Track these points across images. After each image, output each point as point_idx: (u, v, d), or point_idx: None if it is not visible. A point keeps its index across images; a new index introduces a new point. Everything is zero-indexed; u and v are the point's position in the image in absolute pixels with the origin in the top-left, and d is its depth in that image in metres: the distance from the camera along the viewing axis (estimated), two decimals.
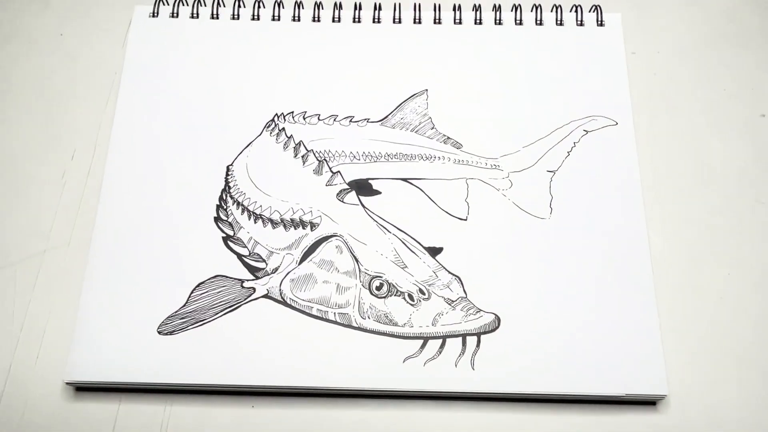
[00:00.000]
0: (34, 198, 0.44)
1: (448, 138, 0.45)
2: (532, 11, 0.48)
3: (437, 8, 0.48)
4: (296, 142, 0.44)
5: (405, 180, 0.43)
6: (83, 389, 0.39)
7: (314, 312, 0.40)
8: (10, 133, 0.46)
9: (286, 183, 0.43)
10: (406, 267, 0.41)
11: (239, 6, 0.48)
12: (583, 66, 0.46)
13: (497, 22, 0.48)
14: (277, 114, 0.45)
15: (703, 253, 0.42)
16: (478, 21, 0.48)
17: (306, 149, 0.44)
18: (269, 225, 0.42)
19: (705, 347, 0.40)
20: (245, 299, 0.40)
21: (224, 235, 0.42)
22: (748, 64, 0.48)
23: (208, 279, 0.40)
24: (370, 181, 0.43)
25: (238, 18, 0.48)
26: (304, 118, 0.45)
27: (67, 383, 0.38)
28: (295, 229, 0.42)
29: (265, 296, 0.40)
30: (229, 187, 0.43)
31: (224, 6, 0.48)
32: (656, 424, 0.38)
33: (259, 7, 0.48)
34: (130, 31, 0.48)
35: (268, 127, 0.45)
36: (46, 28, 0.49)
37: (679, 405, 0.39)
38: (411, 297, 0.40)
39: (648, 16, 0.50)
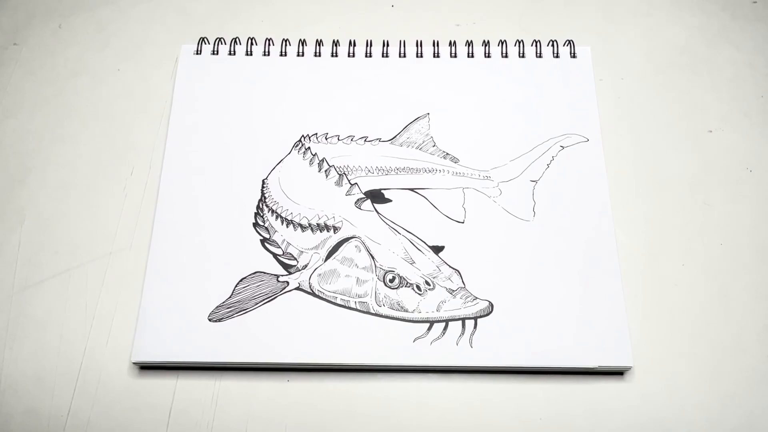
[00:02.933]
0: (100, 208, 0.45)
1: (447, 154, 0.45)
2: (515, 45, 0.49)
3: (436, 44, 0.49)
4: (320, 158, 0.45)
5: (412, 190, 0.44)
6: (146, 368, 0.40)
7: (338, 301, 0.40)
8: (78, 154, 0.47)
9: (312, 193, 0.44)
10: (414, 263, 0.41)
11: (270, 44, 0.49)
12: (559, 91, 0.47)
13: (486, 55, 0.49)
14: (303, 135, 0.46)
15: (661, 247, 0.43)
16: (470, 55, 0.49)
17: (328, 165, 0.45)
18: (299, 229, 0.43)
19: (664, 326, 0.41)
20: (280, 291, 0.41)
21: (261, 238, 0.42)
22: (697, 89, 0.49)
23: (249, 275, 0.41)
24: (382, 191, 0.44)
25: (268, 54, 0.49)
26: (326, 139, 0.46)
27: (133, 363, 0.39)
28: (321, 232, 0.43)
29: (297, 288, 0.41)
30: (265, 198, 0.44)
31: (257, 44, 0.49)
32: (624, 390, 0.39)
33: (286, 45, 0.49)
34: (177, 66, 0.49)
35: (296, 146, 0.45)
36: (106, 65, 0.50)
37: (642, 375, 0.40)
38: (419, 288, 0.41)
39: (613, 49, 0.50)
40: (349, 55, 0.49)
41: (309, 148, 0.45)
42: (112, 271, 0.43)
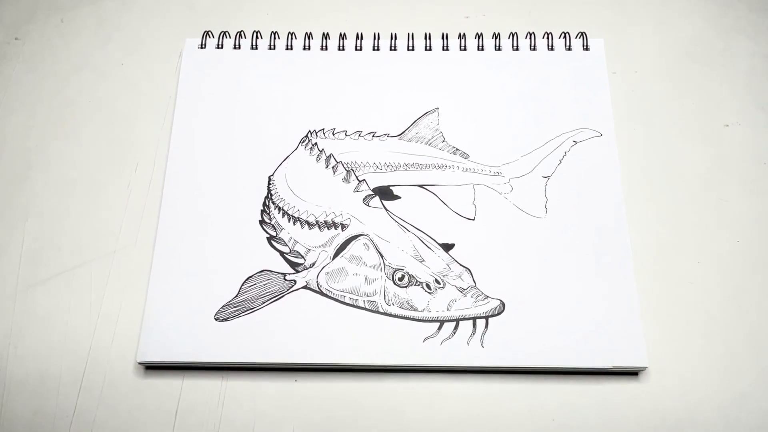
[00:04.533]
0: (104, 205, 0.44)
1: (457, 149, 0.44)
2: (526, 38, 0.48)
3: (445, 37, 0.48)
4: (327, 154, 0.44)
5: (421, 186, 0.43)
6: (152, 368, 0.39)
7: (346, 300, 0.40)
8: (81, 151, 0.46)
9: (320, 190, 0.43)
10: (424, 261, 0.41)
11: (275, 38, 0.48)
12: (572, 85, 0.46)
13: (497, 48, 0.48)
14: (310, 131, 0.45)
15: (676, 245, 0.42)
16: (480, 47, 0.48)
17: (335, 161, 0.44)
18: (306, 226, 0.42)
19: (678, 325, 0.40)
20: (288, 290, 0.40)
21: (268, 235, 0.42)
22: (712, 81, 0.48)
23: (256, 273, 0.40)
24: (391, 188, 0.43)
25: (274, 48, 0.48)
26: (334, 134, 0.45)
27: (138, 363, 0.39)
28: (329, 229, 0.42)
29: (305, 287, 0.40)
30: (271, 195, 0.43)
31: (262, 38, 0.48)
32: (638, 391, 0.39)
33: (292, 38, 0.48)
34: (181, 60, 0.48)
35: (302, 142, 0.45)
36: (110, 60, 0.49)
37: (657, 375, 0.39)
38: (428, 286, 0.40)
39: (627, 41, 0.49)
40: (356, 49, 0.48)
41: (316, 143, 0.45)
42: (117, 270, 0.42)
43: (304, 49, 0.48)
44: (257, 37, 0.48)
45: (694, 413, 0.38)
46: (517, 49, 0.48)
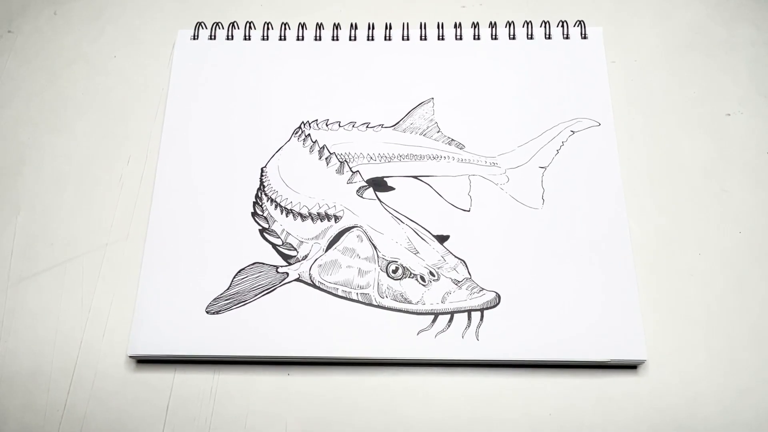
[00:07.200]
0: (96, 199, 0.44)
1: (452, 140, 0.44)
2: (523, 27, 0.47)
3: (440, 26, 0.48)
4: (320, 146, 0.44)
5: (415, 177, 0.43)
6: (143, 362, 0.39)
7: (339, 293, 0.40)
8: (74, 144, 0.46)
9: (313, 182, 0.43)
10: (418, 252, 0.41)
11: (268, 28, 0.48)
12: (569, 74, 0.46)
13: (493, 37, 0.47)
14: (303, 122, 0.45)
15: (676, 236, 0.42)
16: (476, 37, 0.47)
17: (329, 152, 0.44)
18: (299, 218, 0.42)
19: (678, 318, 0.40)
20: (280, 282, 0.40)
21: (260, 227, 0.42)
22: (713, 70, 0.47)
23: (248, 266, 0.40)
24: (385, 179, 0.43)
25: (267, 39, 0.48)
26: (327, 125, 0.45)
27: (129, 357, 0.39)
28: (321, 221, 0.42)
29: (297, 280, 0.40)
30: (264, 187, 0.43)
31: (255, 28, 0.48)
32: (637, 384, 0.38)
33: (285, 29, 0.48)
34: (174, 52, 0.48)
35: (295, 133, 0.44)
36: (102, 52, 0.49)
37: (656, 368, 0.38)
38: (423, 278, 0.40)
39: (626, 29, 0.49)
40: (350, 39, 0.48)
41: (309, 135, 0.44)
42: (109, 263, 0.42)
43: (298, 39, 0.48)
44: (250, 28, 0.48)
45: (693, 407, 0.38)
46: (513, 38, 0.47)
